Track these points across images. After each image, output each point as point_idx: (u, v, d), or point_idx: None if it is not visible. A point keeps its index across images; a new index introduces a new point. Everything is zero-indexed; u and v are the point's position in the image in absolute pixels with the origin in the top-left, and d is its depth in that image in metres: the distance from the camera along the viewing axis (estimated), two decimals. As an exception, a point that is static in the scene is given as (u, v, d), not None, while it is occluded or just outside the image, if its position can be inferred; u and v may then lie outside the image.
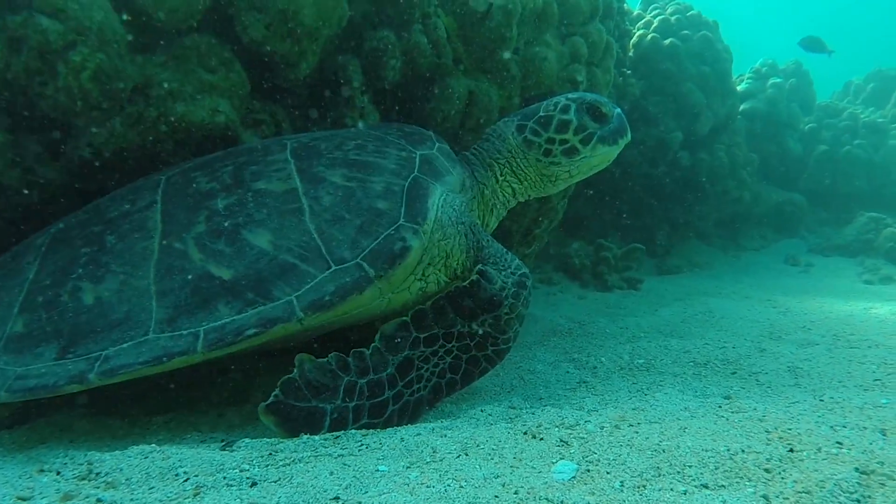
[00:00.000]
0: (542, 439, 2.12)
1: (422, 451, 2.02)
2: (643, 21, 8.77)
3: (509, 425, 2.29)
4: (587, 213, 7.64)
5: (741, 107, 10.09)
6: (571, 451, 1.98)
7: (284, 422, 2.43)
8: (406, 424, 2.60)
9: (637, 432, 2.14)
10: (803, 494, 1.66)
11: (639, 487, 1.73)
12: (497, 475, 1.80)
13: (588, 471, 1.84)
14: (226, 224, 2.68)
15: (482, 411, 2.65)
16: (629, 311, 5.52)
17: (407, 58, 3.92)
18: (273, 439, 2.33)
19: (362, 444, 2.16)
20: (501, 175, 3.45)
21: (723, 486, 1.75)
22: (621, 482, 1.76)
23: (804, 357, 3.67)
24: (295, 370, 2.52)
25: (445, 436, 2.17)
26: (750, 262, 9.19)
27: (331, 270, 2.59)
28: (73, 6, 2.81)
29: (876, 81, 14.17)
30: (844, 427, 2.25)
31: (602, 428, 2.20)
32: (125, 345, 2.44)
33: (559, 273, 6.49)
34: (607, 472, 1.82)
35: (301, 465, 1.99)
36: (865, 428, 2.26)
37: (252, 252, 2.61)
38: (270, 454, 2.08)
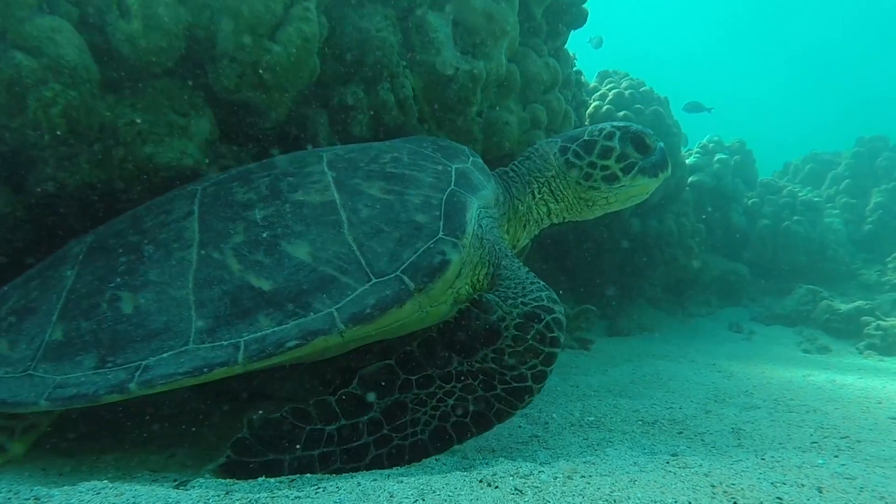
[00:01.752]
0: (497, 487, 2.14)
1: (378, 496, 2.03)
2: (599, 93, 9.15)
3: (464, 473, 2.31)
4: (540, 272, 7.78)
5: (689, 179, 10.53)
6: (526, 499, 2.01)
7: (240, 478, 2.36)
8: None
9: (589, 483, 2.19)
10: (746, 544, 1.73)
11: (591, 534, 1.77)
12: (453, 520, 1.82)
13: (542, 518, 1.87)
14: (264, 235, 2.66)
15: (436, 460, 2.66)
16: (580, 370, 5.60)
17: (374, 114, 4.03)
18: (228, 480, 2.30)
19: (319, 488, 2.15)
20: (539, 193, 3.46)
21: (671, 534, 1.80)
22: (574, 529, 1.80)
23: (747, 419, 3.79)
24: (244, 430, 2.46)
25: (402, 481, 2.18)
26: (696, 327, 9.43)
27: (371, 283, 2.56)
28: (48, 45, 2.85)
29: (812, 163, 14.93)
30: (784, 484, 2.34)
31: (555, 478, 2.25)
32: (165, 355, 2.41)
33: None
34: (561, 520, 1.86)
35: (257, 506, 1.98)
36: (803, 485, 2.35)
37: (291, 263, 2.59)
38: (227, 493, 2.06)
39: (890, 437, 3.47)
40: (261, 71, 3.35)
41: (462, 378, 2.63)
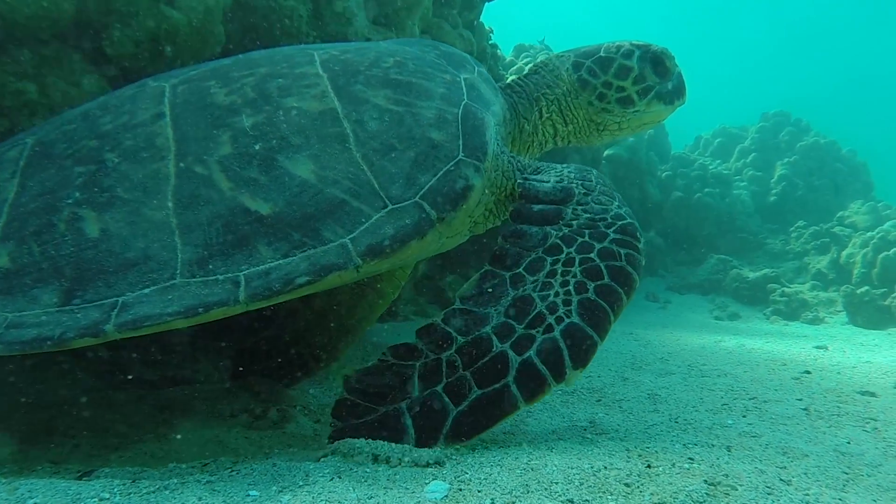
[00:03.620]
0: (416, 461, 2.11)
1: (294, 475, 1.96)
2: (515, 67, 9.19)
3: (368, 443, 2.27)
4: (464, 246, 7.79)
5: (605, 153, 10.74)
6: (444, 472, 1.99)
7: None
8: (574, 369, 2.10)
9: (507, 453, 2.18)
10: (659, 505, 1.76)
11: (508, 504, 1.77)
12: (370, 496, 1.78)
13: (460, 489, 1.85)
14: (256, 147, 2.25)
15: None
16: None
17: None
18: (136, 468, 2.18)
19: (233, 470, 2.06)
20: (547, 112, 3.17)
21: (587, 500, 1.81)
22: (492, 499, 1.78)
23: (662, 385, 3.90)
24: (341, 388, 2.13)
25: (319, 461, 2.12)
26: (614, 298, 9.68)
27: (387, 209, 2.21)
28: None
29: (722, 137, 15.51)
30: (696, 445, 2.40)
31: (473, 449, 2.23)
32: (146, 290, 2.03)
33: (433, 306, 6.55)
34: (478, 491, 1.84)
35: (167, 492, 1.88)
36: (713, 445, 2.43)
37: (293, 183, 2.20)
38: (133, 482, 1.94)
39: (793, 396, 3.63)
40: (160, 40, 3.17)
41: (571, 241, 2.30)
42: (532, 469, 2.00)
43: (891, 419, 3.18)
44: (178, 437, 2.66)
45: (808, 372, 4.48)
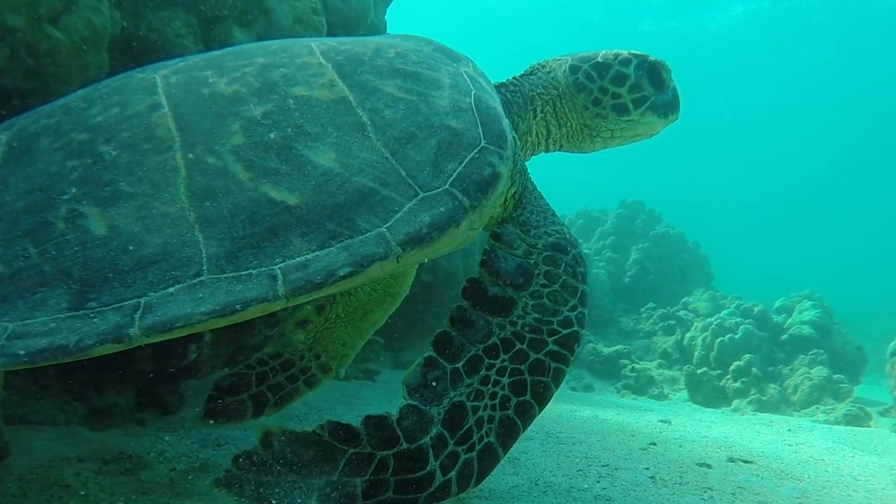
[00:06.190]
0: None
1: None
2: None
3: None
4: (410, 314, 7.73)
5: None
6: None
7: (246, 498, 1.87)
8: (476, 484, 2.11)
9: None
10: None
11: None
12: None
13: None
14: (271, 136, 2.11)
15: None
16: (365, 401, 5.58)
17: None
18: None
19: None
20: (542, 112, 3.10)
21: (453, 557, 1.82)
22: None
23: (522, 450, 3.99)
24: (257, 443, 1.96)
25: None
26: (476, 365, 9.85)
27: (419, 198, 2.12)
28: None
29: (583, 219, 16.44)
30: (555, 507, 2.49)
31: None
32: (171, 289, 1.84)
33: (377, 363, 6.43)
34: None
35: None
36: (572, 507, 2.52)
37: (317, 172, 2.07)
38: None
39: (641, 465, 3.84)
40: (38, 56, 3.01)
41: (510, 345, 2.27)
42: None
43: (724, 489, 3.43)
44: (12, 483, 2.41)
45: (654, 443, 4.75)
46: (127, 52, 3.63)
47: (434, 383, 2.15)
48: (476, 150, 2.28)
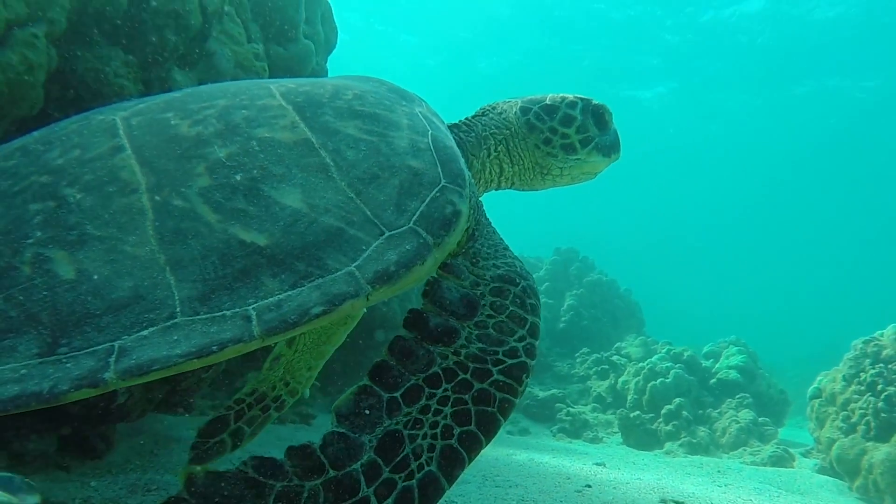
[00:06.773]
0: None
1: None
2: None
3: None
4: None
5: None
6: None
7: None
8: None
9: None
10: None
11: None
12: None
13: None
14: (237, 177, 2.11)
15: None
16: (301, 449, 5.49)
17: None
18: None
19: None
20: (496, 150, 3.18)
21: None
22: None
23: (458, 493, 4.00)
24: (181, 487, 1.81)
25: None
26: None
27: (385, 236, 2.13)
28: None
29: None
30: (493, 547, 2.50)
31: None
32: (145, 332, 1.79)
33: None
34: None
35: None
36: (509, 547, 2.54)
37: (283, 213, 2.07)
38: None
39: (577, 506, 3.90)
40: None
41: (453, 375, 2.18)
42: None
43: (658, 529, 3.51)
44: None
45: (589, 486, 4.82)
46: (64, 89, 3.58)
47: (367, 411, 2.06)
48: (437, 189, 2.32)
